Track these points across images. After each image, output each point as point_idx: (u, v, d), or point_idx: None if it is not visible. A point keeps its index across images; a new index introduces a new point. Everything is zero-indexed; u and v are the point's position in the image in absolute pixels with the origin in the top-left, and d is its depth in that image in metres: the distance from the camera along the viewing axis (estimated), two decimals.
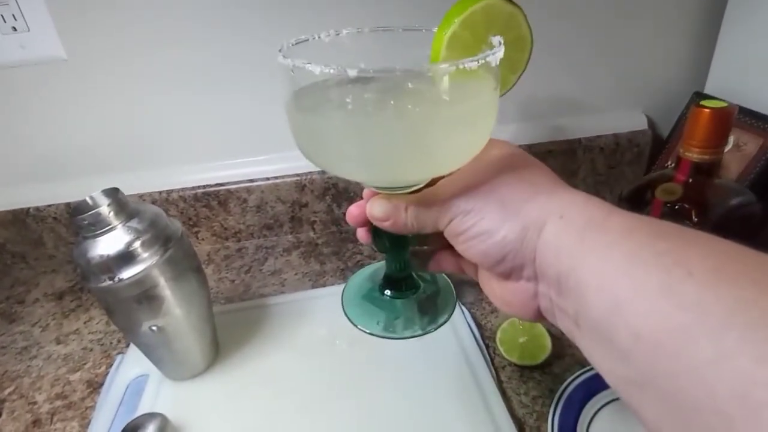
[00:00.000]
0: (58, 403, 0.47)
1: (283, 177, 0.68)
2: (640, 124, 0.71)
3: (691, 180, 0.41)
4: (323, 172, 0.68)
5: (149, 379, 0.46)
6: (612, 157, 0.72)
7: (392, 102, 0.21)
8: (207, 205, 0.68)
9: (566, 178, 0.75)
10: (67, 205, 0.66)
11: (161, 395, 0.44)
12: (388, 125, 0.21)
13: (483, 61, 0.21)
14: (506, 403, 0.41)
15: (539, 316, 0.24)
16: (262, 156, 0.68)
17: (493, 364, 0.45)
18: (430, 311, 0.33)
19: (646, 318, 0.17)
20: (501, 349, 0.46)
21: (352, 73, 0.20)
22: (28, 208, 0.66)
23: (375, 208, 0.27)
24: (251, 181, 0.68)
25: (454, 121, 0.22)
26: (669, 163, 0.68)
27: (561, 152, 0.70)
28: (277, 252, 0.68)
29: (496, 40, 0.23)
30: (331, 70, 0.20)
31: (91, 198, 0.39)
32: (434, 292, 0.35)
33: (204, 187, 0.67)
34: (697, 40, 0.67)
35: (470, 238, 0.24)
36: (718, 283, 0.16)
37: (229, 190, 0.68)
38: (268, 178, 0.68)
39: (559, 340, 0.47)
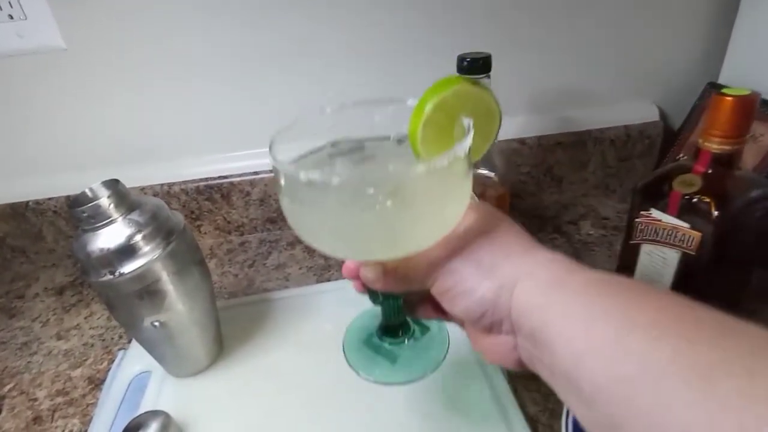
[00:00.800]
0: (59, 399, 0.46)
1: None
2: (651, 115, 0.69)
3: (710, 171, 0.39)
4: None
5: (152, 375, 0.45)
6: (623, 149, 0.70)
7: (368, 197, 0.23)
8: (209, 198, 0.67)
9: (576, 171, 0.73)
10: (67, 198, 0.65)
11: (164, 392, 0.44)
12: (365, 218, 0.24)
13: (452, 157, 0.23)
14: (518, 401, 0.40)
15: (521, 365, 0.26)
16: (265, 148, 0.66)
17: None
18: (426, 352, 0.36)
19: (601, 369, 0.19)
20: None
21: (336, 180, 0.22)
22: (28, 202, 0.64)
23: (367, 273, 0.30)
24: (254, 173, 0.67)
25: (427, 211, 0.24)
26: (681, 155, 0.66)
27: (570, 144, 0.69)
28: (281, 246, 0.67)
29: (467, 122, 0.25)
30: (316, 177, 0.22)
31: (91, 190, 0.38)
32: (428, 333, 0.37)
33: (206, 179, 0.66)
34: (711, 29, 0.66)
35: (453, 297, 0.26)
36: (658, 336, 0.18)
37: (231, 183, 0.66)
38: (271, 171, 0.66)
39: None
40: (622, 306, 0.20)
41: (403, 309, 0.35)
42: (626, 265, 0.48)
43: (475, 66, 0.47)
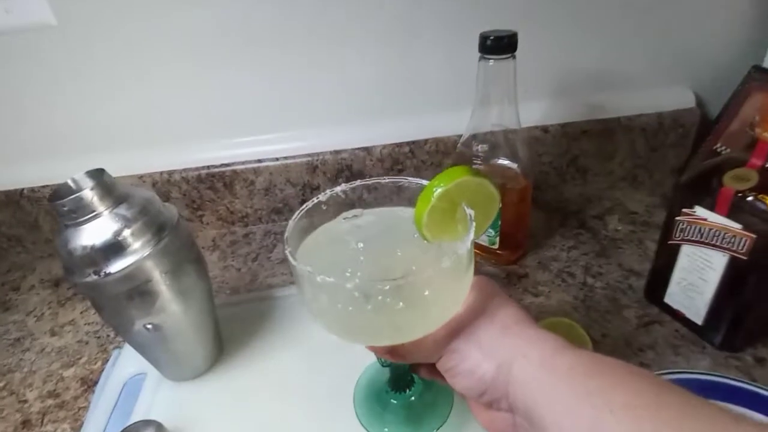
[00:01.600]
0: (50, 402, 0.43)
1: (293, 157, 0.62)
2: (687, 101, 0.64)
3: None
4: (336, 152, 0.62)
5: (147, 378, 0.43)
6: (654, 138, 0.65)
7: (379, 300, 0.25)
8: (212, 187, 0.63)
9: (602, 162, 0.68)
10: None
11: (158, 398, 0.41)
12: (375, 316, 0.25)
13: (455, 256, 0.25)
14: None
15: None
16: (270, 134, 0.62)
17: None
18: (432, 407, 0.38)
19: None
20: None
21: (350, 285, 0.24)
22: (22, 189, 0.62)
23: (378, 348, 0.32)
24: (259, 161, 0.63)
25: (434, 304, 0.27)
26: (719, 145, 0.61)
27: (597, 133, 0.64)
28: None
29: (469, 213, 0.27)
30: (330, 280, 0.24)
31: (74, 180, 0.34)
32: (433, 386, 0.38)
33: (208, 167, 0.63)
34: (756, 5, 0.60)
35: (456, 375, 0.28)
36: (634, 420, 0.20)
37: (235, 171, 0.63)
38: (277, 159, 0.63)
39: (597, 343, 0.42)
40: (602, 390, 0.22)
41: (410, 369, 0.37)
42: (661, 266, 0.44)
43: (499, 45, 0.43)
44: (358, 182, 0.32)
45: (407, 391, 0.38)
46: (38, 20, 0.52)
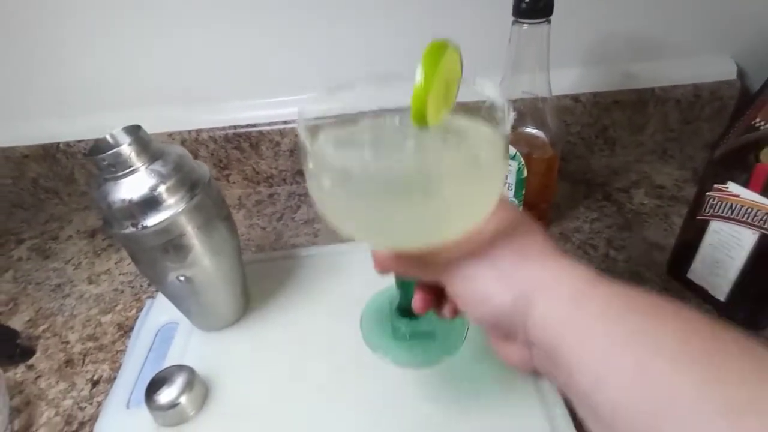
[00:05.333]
0: (90, 344, 0.46)
1: (319, 119, 0.62)
2: (728, 72, 0.61)
3: None
4: None
5: (178, 327, 0.45)
6: (689, 111, 0.63)
7: (392, 178, 0.22)
8: (238, 146, 0.64)
9: (632, 135, 0.66)
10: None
11: (190, 346, 0.43)
12: (393, 204, 0.22)
13: (494, 140, 0.23)
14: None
15: (537, 374, 0.25)
16: (296, 96, 0.63)
17: None
18: (444, 335, 0.36)
19: (622, 398, 0.18)
20: None
21: (372, 167, 0.22)
22: (58, 143, 0.64)
23: (383, 259, 0.29)
24: (284, 123, 0.63)
25: (459, 198, 0.23)
26: (758, 120, 0.59)
27: (629, 103, 0.62)
28: (310, 200, 0.65)
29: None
30: (352, 163, 0.22)
31: (112, 136, 0.36)
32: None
33: (235, 127, 0.63)
34: None
35: (468, 303, 0.26)
36: (684, 368, 0.17)
37: (261, 132, 0.63)
38: None
39: None
40: (645, 329, 0.19)
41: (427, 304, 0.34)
42: (687, 241, 0.43)
43: (535, 8, 0.41)
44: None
45: (417, 317, 0.36)
46: None
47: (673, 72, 0.61)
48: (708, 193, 0.39)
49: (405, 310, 0.37)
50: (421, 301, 0.31)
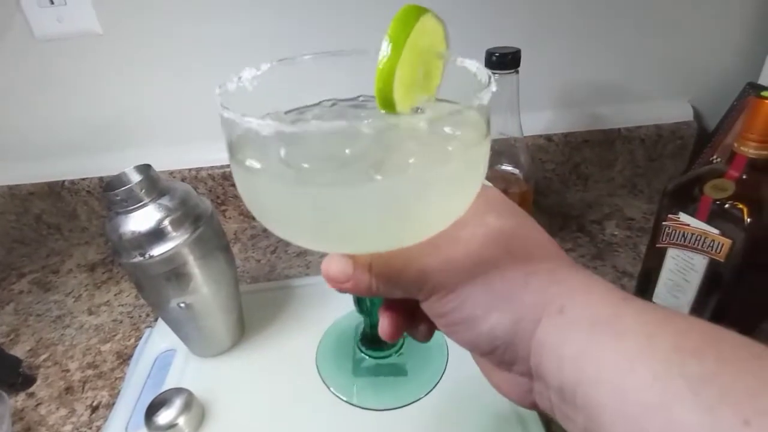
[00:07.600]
0: (90, 372, 0.48)
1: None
2: (685, 114, 0.67)
3: (745, 176, 0.38)
4: None
5: (176, 354, 0.47)
6: (653, 149, 0.68)
7: (357, 160, 0.16)
8: (234, 183, 0.68)
9: (603, 170, 0.71)
10: (101, 179, 0.67)
11: (188, 371, 0.45)
12: (342, 190, 0.17)
13: (474, 107, 0.17)
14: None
15: (538, 409, 0.20)
16: None
17: None
18: (416, 370, 0.27)
19: None
20: None
21: (289, 129, 0.15)
22: (63, 181, 0.67)
23: (332, 267, 0.22)
24: None
25: (421, 190, 0.17)
26: (714, 157, 0.64)
27: (598, 143, 0.67)
28: None
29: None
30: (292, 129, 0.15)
31: (124, 174, 0.39)
32: (422, 345, 0.29)
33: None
34: (753, 25, 0.63)
35: (453, 324, 0.20)
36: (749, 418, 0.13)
37: None
38: None
39: None
40: (715, 373, 0.14)
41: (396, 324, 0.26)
42: (650, 268, 0.47)
43: (504, 61, 0.47)
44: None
45: (384, 348, 0.29)
46: (86, 28, 0.58)
47: (636, 114, 0.67)
48: (664, 223, 0.43)
49: (370, 338, 0.30)
50: (389, 326, 0.23)
